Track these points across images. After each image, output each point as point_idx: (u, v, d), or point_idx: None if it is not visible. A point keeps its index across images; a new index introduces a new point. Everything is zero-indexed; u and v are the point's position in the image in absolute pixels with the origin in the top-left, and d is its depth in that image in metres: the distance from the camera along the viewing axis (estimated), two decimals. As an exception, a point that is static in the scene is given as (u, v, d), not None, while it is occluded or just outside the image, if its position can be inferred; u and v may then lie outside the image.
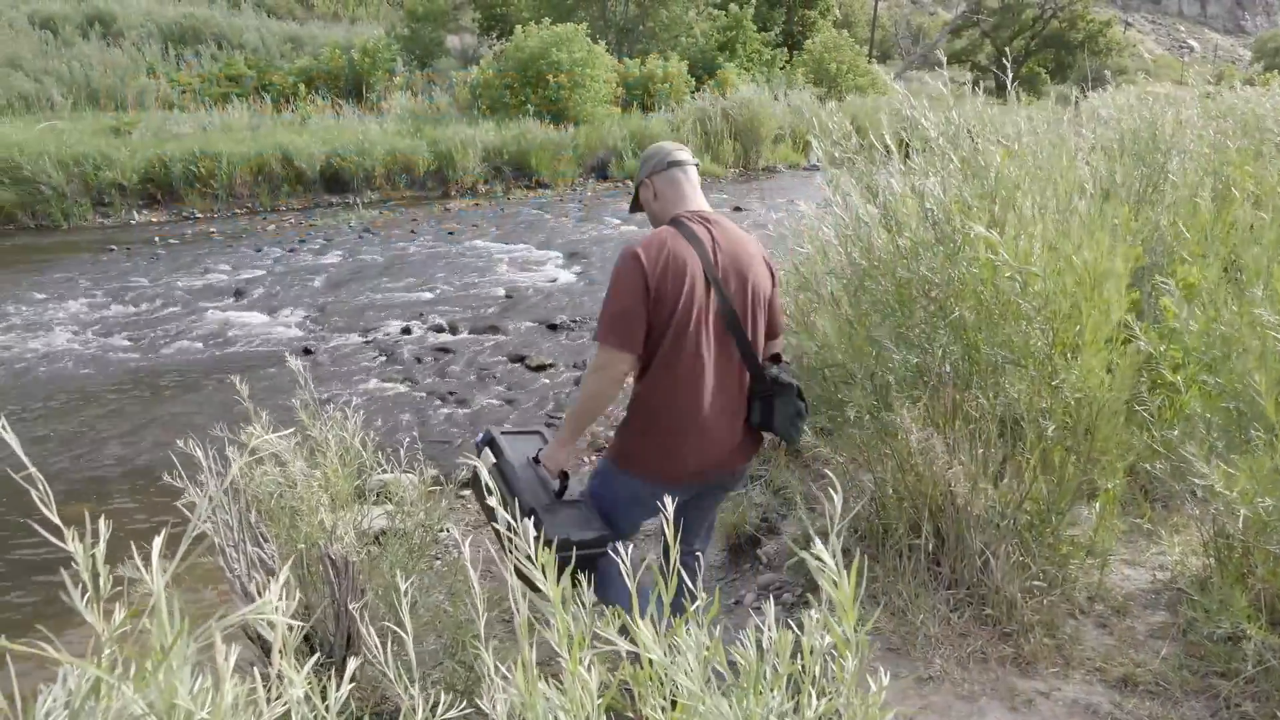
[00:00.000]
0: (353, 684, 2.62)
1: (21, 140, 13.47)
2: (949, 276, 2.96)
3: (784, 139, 20.61)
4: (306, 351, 7.80)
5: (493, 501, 1.23)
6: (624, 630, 1.23)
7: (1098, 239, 2.77)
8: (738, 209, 14.73)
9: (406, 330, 8.42)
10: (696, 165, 2.74)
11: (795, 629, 1.26)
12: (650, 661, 1.20)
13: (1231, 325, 2.62)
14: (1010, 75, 3.51)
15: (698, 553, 2.93)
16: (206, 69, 20.76)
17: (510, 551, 1.23)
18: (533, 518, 2.23)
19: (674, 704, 1.25)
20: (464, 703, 1.30)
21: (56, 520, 0.98)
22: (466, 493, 4.36)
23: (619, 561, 2.12)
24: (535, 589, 1.23)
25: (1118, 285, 2.77)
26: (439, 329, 8.46)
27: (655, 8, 25.42)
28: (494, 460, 2.67)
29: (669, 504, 1.39)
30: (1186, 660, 2.61)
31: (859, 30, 37.87)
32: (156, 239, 12.48)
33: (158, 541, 0.89)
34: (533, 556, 1.18)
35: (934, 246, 3.02)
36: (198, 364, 7.52)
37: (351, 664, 1.09)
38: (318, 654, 1.93)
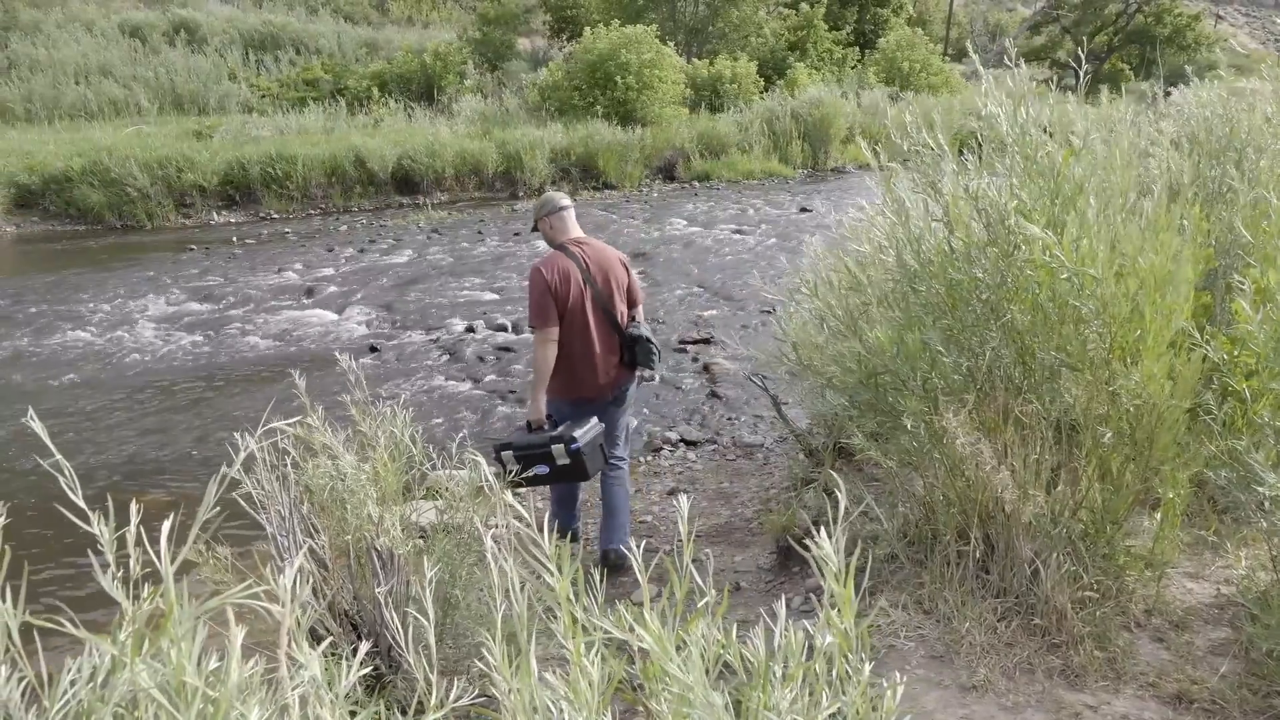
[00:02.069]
0: (396, 674, 2.66)
1: (110, 144, 14.10)
2: (1003, 278, 2.89)
3: (854, 139, 20.36)
4: (372, 349, 7.98)
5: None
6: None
7: (1163, 240, 2.67)
8: (804, 210, 14.60)
9: (470, 329, 8.56)
10: (572, 207, 4.14)
11: (808, 629, 1.25)
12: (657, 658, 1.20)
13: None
14: (1091, 71, 3.40)
15: (620, 459, 4.28)
16: (285, 74, 21.40)
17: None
18: (505, 450, 3.83)
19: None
20: (476, 691, 1.32)
21: (82, 504, 1.03)
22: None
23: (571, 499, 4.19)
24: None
25: (1181, 289, 2.67)
26: (502, 328, 8.57)
27: (725, 8, 25.30)
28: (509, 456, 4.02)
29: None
30: (1247, 679, 2.50)
31: (934, 28, 37.20)
32: (234, 239, 12.91)
33: (166, 526, 0.93)
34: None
35: (988, 247, 2.95)
36: (268, 360, 7.76)
37: (363, 648, 1.12)
38: (330, 639, 1.97)
